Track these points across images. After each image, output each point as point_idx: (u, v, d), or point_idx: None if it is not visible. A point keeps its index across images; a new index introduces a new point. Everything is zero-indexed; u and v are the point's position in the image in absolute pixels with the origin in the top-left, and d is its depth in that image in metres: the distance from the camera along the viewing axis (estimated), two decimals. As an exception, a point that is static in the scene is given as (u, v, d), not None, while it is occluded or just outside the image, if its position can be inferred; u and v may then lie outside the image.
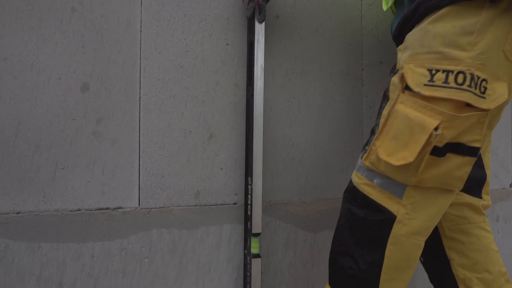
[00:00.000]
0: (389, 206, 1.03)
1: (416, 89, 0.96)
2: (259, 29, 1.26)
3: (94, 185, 1.19)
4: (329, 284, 1.15)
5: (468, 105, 0.94)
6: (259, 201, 1.28)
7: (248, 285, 1.29)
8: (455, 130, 0.95)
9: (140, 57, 1.24)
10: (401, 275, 1.07)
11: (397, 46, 1.16)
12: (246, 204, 1.32)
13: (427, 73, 0.96)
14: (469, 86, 0.92)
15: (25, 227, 1.12)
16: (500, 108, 1.01)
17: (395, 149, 0.99)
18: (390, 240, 1.03)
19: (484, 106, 0.94)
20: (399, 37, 1.15)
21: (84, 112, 1.18)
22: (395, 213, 1.02)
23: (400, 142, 0.98)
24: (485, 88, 0.94)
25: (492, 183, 1.76)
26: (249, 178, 1.30)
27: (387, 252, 1.04)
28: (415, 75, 0.97)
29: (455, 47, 0.94)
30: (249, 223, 1.29)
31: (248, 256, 1.30)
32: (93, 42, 1.20)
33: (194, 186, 1.29)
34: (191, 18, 1.30)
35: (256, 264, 1.28)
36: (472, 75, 0.92)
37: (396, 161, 0.97)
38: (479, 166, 1.21)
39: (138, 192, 1.23)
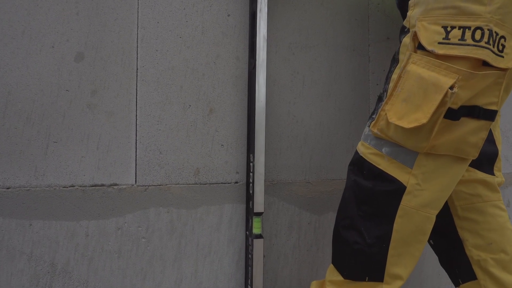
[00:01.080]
0: (399, 176, 1.00)
1: (429, 47, 0.93)
2: (263, -2, 1.24)
3: (88, 160, 1.16)
4: (333, 263, 1.13)
5: (485, 64, 0.92)
6: (261, 179, 1.26)
7: (249, 267, 1.27)
8: (471, 91, 0.93)
9: (137, 26, 1.22)
10: (409, 250, 1.04)
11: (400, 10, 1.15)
12: (248, 183, 1.30)
13: (442, 30, 0.93)
14: (487, 43, 0.90)
15: (15, 203, 1.09)
16: None
17: (407, 112, 0.95)
18: (399, 212, 1.01)
19: (502, 65, 0.92)
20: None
21: (78, 82, 1.15)
22: (405, 183, 1.00)
23: (413, 103, 0.95)
24: (503, 46, 0.92)
25: (503, 167, 1.74)
26: (251, 155, 1.27)
27: (395, 226, 1.02)
28: (429, 33, 0.94)
29: (473, 1, 0.91)
30: (251, 202, 1.27)
31: (249, 237, 1.28)
32: (88, 9, 1.17)
33: (194, 163, 1.27)
34: (191, -14, 1.27)
35: (258, 245, 1.25)
36: (490, 31, 0.90)
37: (408, 123, 0.94)
38: (490, 141, 1.18)
39: (134, 168, 1.21)
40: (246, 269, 1.31)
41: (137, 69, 1.21)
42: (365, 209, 1.05)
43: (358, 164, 1.08)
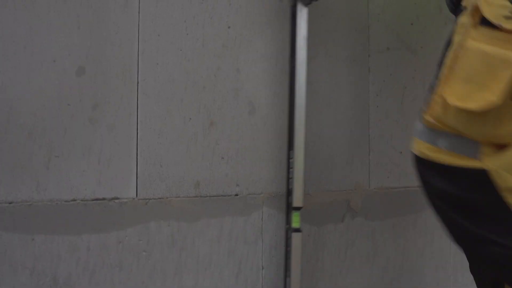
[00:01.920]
0: (470, 163, 0.88)
1: (497, 21, 0.85)
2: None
3: (89, 174, 1.19)
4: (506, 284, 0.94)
5: None
6: (301, 175, 1.33)
7: (288, 260, 1.33)
8: None
9: (138, 40, 1.25)
10: None
11: None
12: (288, 178, 1.36)
13: (508, 3, 0.86)
14: None
15: (17, 218, 1.13)
16: None
17: (469, 92, 0.85)
18: (503, 194, 0.85)
19: None
20: None
21: (79, 97, 1.18)
22: (484, 167, 0.86)
23: (477, 83, 0.85)
24: None
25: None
26: (291, 151, 1.33)
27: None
28: (493, 7, 0.87)
29: None
30: (290, 197, 1.34)
31: (288, 231, 1.34)
32: (89, 23, 1.20)
33: (194, 176, 1.30)
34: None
35: (296, 238, 1.32)
36: None
37: (476, 104, 0.83)
38: None
39: (135, 181, 1.24)
40: (285, 261, 1.37)
41: (138, 82, 1.24)
42: (475, 217, 0.90)
43: (422, 163, 0.97)
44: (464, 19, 0.92)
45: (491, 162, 0.85)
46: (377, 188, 1.55)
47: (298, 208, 1.33)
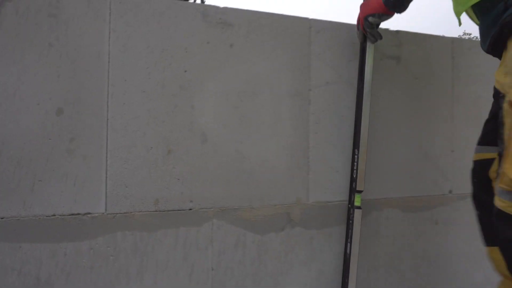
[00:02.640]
0: None
1: None
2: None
3: (67, 194, 1.50)
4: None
5: None
6: (363, 167, 1.80)
7: (350, 230, 1.80)
8: None
9: (108, 84, 1.54)
10: None
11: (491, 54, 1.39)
12: (352, 169, 1.83)
13: None
14: None
15: (8, 230, 1.44)
16: None
17: None
18: None
19: None
20: (493, 53, 1.36)
21: (59, 132, 1.49)
22: None
23: None
24: None
25: (433, 189, 2.08)
26: (355, 149, 1.80)
27: None
28: None
29: None
30: (354, 183, 1.80)
31: (351, 208, 1.80)
32: (68, 72, 1.50)
33: (154, 194, 1.61)
34: (154, 49, 1.60)
35: (358, 213, 1.79)
36: None
37: None
38: None
39: (105, 200, 1.55)
40: (347, 232, 1.84)
41: (107, 119, 1.54)
42: None
43: (503, 219, 1.22)
44: (507, 106, 1.20)
45: None
46: (315, 202, 1.86)
47: (359, 191, 1.79)
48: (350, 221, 1.80)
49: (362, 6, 1.68)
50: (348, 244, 1.81)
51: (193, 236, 1.67)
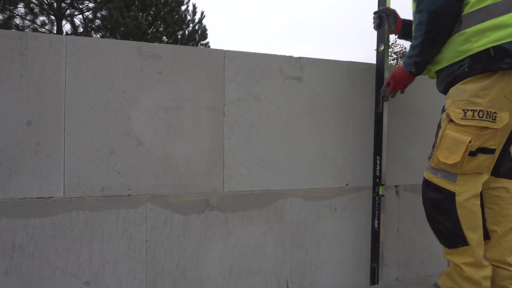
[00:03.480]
0: (450, 187, 2.03)
1: (457, 121, 1.98)
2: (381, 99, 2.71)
3: (34, 183, 2.12)
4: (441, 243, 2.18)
5: (485, 127, 1.93)
6: (385, 168, 2.65)
7: (376, 211, 2.64)
8: (480, 141, 1.94)
9: (65, 103, 2.16)
10: (473, 223, 2.05)
11: (444, 94, 2.17)
12: (374, 169, 2.69)
13: (462, 112, 1.98)
14: (486, 117, 1.92)
15: (-9, 208, 2.06)
16: (506, 126, 1.94)
17: (448, 155, 1.99)
18: (457, 206, 2.01)
19: (495, 127, 1.94)
20: (445, 92, 2.15)
21: (28, 138, 2.11)
22: (453, 191, 2.02)
23: (451, 150, 1.98)
24: (495, 117, 1.93)
25: (332, 183, 2.68)
26: (377, 156, 2.62)
27: (459, 212, 2.01)
28: (455, 113, 1.99)
29: (476, 97, 1.92)
30: (377, 179, 2.62)
31: (376, 196, 2.63)
32: (35, 95, 2.12)
33: (100, 184, 2.22)
34: (99, 76, 2.22)
35: (382, 199, 2.62)
36: (487, 111, 1.92)
37: (450, 161, 1.98)
38: (510, 159, 2.14)
39: (63, 187, 2.16)
40: (373, 213, 2.68)
41: (64, 128, 2.16)
42: (440, 210, 2.07)
43: (427, 185, 2.13)
44: (444, 116, 2.08)
45: (456, 187, 2.01)
46: (229, 191, 2.46)
47: (382, 184, 2.61)
48: (376, 205, 2.65)
49: (396, 81, 2.48)
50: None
51: (131, 216, 2.28)
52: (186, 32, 17.69)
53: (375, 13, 2.63)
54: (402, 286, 2.69)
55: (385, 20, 2.54)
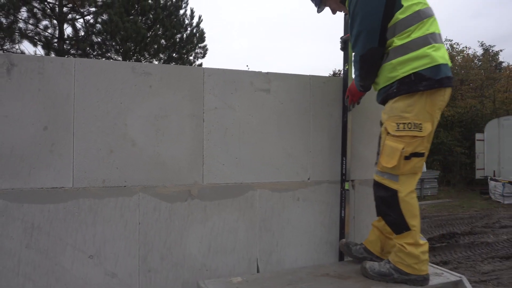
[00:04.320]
0: (393, 186, 2.61)
1: (392, 133, 2.60)
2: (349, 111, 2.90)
3: (49, 176, 2.69)
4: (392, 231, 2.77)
5: (414, 136, 2.54)
6: (349, 167, 3.19)
7: (343, 203, 3.25)
8: (412, 147, 2.53)
9: (74, 111, 2.74)
10: (412, 213, 2.64)
11: (382, 104, 2.79)
12: (342, 167, 3.25)
13: (396, 125, 2.60)
14: (414, 128, 2.54)
15: (15, 196, 2.61)
16: (430, 133, 2.54)
17: (388, 160, 2.59)
18: (399, 201, 2.59)
19: (421, 135, 2.57)
20: (383, 104, 2.75)
21: (45, 140, 2.68)
22: (396, 188, 2.60)
23: (389, 157, 2.58)
24: (421, 127, 2.56)
25: (295, 177, 3.26)
26: (343, 157, 3.21)
27: (401, 206, 2.59)
28: (391, 127, 2.61)
29: (405, 112, 2.54)
30: (343, 176, 3.22)
31: (343, 190, 3.21)
32: (50, 105, 2.70)
33: (102, 176, 2.79)
34: (101, 90, 2.80)
35: (348, 193, 3.22)
36: (414, 123, 2.54)
37: (390, 165, 2.58)
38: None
39: (72, 179, 2.74)
40: (341, 204, 3.25)
41: (73, 132, 2.74)
42: (387, 205, 2.65)
43: (377, 185, 2.70)
44: (383, 129, 2.73)
45: (398, 186, 2.61)
46: (208, 184, 3.03)
47: (348, 180, 3.20)
48: (343, 198, 3.26)
49: (352, 94, 3.09)
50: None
51: (127, 203, 2.85)
52: (184, 35, 18.27)
53: (341, 38, 3.33)
54: (357, 262, 3.26)
55: (348, 45, 3.22)
